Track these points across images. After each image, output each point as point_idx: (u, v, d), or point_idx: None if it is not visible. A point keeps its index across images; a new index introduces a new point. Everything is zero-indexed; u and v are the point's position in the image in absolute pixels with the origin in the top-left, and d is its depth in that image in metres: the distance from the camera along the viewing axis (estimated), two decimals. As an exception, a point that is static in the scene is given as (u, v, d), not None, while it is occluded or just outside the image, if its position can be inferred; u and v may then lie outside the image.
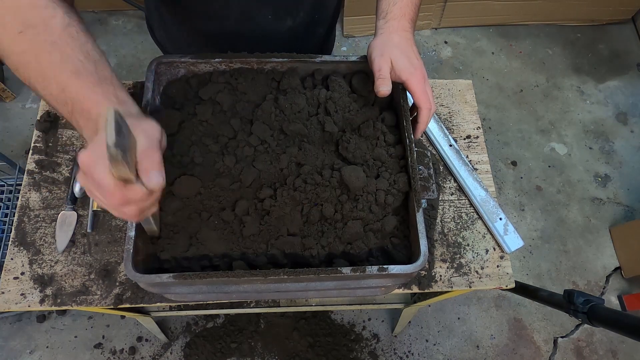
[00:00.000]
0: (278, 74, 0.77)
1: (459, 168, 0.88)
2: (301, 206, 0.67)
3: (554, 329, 1.74)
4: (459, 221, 0.87)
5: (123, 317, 1.65)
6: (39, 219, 0.81)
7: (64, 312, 1.64)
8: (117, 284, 0.78)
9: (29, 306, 0.75)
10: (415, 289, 0.81)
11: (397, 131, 0.75)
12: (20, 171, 1.53)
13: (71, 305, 0.76)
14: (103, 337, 1.62)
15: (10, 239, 0.80)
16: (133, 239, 0.60)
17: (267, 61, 0.75)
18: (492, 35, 2.36)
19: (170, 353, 1.62)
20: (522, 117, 2.15)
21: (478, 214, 0.87)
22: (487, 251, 0.85)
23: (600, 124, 2.15)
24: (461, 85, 1.00)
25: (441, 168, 0.91)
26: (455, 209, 0.88)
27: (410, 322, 1.70)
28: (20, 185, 1.27)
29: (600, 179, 2.02)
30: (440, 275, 0.82)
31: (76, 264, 0.78)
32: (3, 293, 0.76)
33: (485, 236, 0.86)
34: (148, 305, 0.79)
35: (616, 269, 1.85)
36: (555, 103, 2.19)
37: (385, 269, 0.60)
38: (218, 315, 1.67)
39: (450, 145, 0.90)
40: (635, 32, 2.40)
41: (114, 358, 1.60)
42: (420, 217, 0.64)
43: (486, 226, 0.86)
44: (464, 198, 0.89)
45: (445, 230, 0.86)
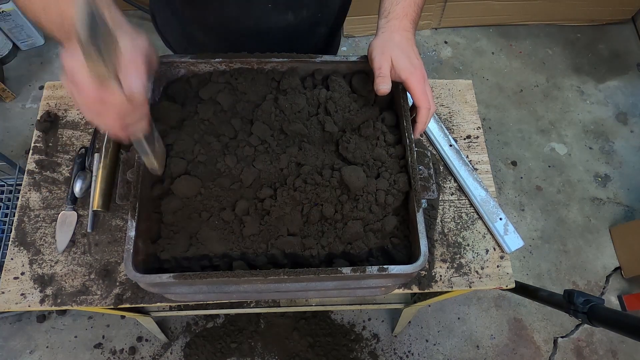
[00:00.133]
0: (278, 74, 0.77)
1: (459, 168, 0.88)
2: (301, 206, 0.67)
3: (554, 329, 1.74)
4: (459, 221, 0.87)
5: (123, 317, 1.65)
6: (39, 219, 0.81)
7: (64, 312, 1.64)
8: (117, 284, 0.78)
9: (29, 306, 0.75)
10: (415, 289, 0.81)
11: (397, 131, 0.75)
12: (20, 171, 1.53)
13: (71, 305, 0.76)
14: (103, 337, 1.62)
15: (10, 239, 0.80)
16: (133, 239, 0.60)
17: (267, 61, 0.75)
18: (492, 35, 2.36)
19: (170, 353, 1.62)
20: (522, 117, 2.15)
21: (478, 214, 0.87)
22: (487, 251, 0.85)
23: (600, 124, 2.15)
24: (461, 85, 1.00)
25: (441, 168, 0.91)
26: (455, 209, 0.88)
27: (410, 322, 1.70)
28: (20, 185, 1.27)
29: (600, 179, 2.02)
30: (440, 275, 0.82)
31: (76, 264, 0.78)
32: (3, 293, 0.76)
33: (485, 236, 0.86)
34: (148, 305, 0.79)
35: (616, 269, 1.85)
36: (555, 103, 2.19)
37: (385, 269, 0.60)
38: (218, 315, 1.67)
39: (450, 145, 0.90)
40: (635, 32, 2.40)
41: (114, 358, 1.60)
42: (420, 217, 0.64)
43: (486, 226, 0.86)
44: (464, 198, 0.89)
45: (445, 230, 0.86)
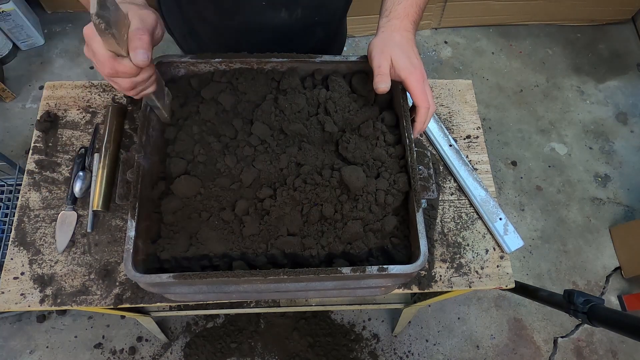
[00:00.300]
0: (278, 74, 0.77)
1: (459, 168, 0.88)
2: (301, 206, 0.67)
3: (554, 329, 1.74)
4: (459, 221, 0.87)
5: (123, 317, 1.65)
6: (39, 219, 0.81)
7: (64, 312, 1.64)
8: (117, 284, 0.78)
9: (29, 306, 0.75)
10: (415, 289, 0.81)
11: (397, 131, 0.75)
12: (20, 171, 1.53)
13: (71, 305, 0.76)
14: (103, 337, 1.62)
15: (10, 239, 0.80)
16: (133, 239, 0.60)
17: (267, 61, 0.75)
18: (492, 35, 2.36)
19: (170, 353, 1.62)
20: (522, 117, 2.15)
21: (478, 214, 0.87)
22: (487, 251, 0.85)
23: (600, 124, 2.15)
24: (461, 85, 1.00)
25: (441, 168, 0.91)
26: (455, 209, 0.88)
27: (410, 322, 1.70)
28: (20, 185, 1.27)
29: (600, 179, 2.02)
30: (440, 275, 0.82)
31: (76, 264, 0.78)
32: (3, 293, 0.76)
33: (485, 236, 0.86)
34: (148, 305, 0.79)
35: (616, 269, 1.85)
36: (555, 103, 2.19)
37: (385, 269, 0.60)
38: (218, 315, 1.67)
39: (450, 145, 0.90)
40: (635, 32, 2.40)
41: (114, 358, 1.60)
42: (420, 217, 0.64)
43: (486, 226, 0.86)
44: (464, 198, 0.89)
45: (445, 230, 0.86)
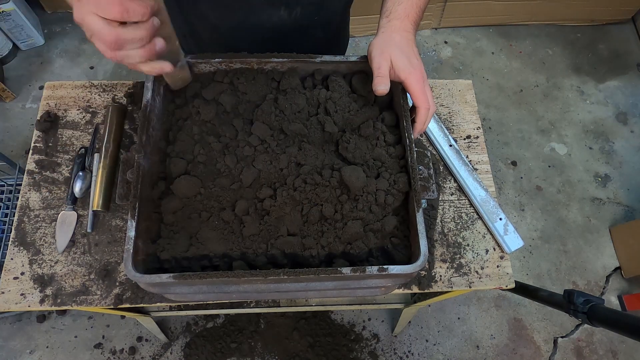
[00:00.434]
0: (278, 74, 0.77)
1: (459, 168, 0.88)
2: (301, 206, 0.67)
3: (554, 329, 1.74)
4: (459, 221, 0.87)
5: (123, 317, 1.65)
6: (39, 219, 0.81)
7: (64, 312, 1.64)
8: (117, 284, 0.78)
9: (29, 306, 0.75)
10: (415, 289, 0.81)
11: (397, 131, 0.75)
12: (20, 171, 1.54)
13: (71, 305, 0.76)
14: (103, 337, 1.62)
15: (10, 239, 0.80)
16: (133, 239, 0.60)
17: (267, 61, 0.75)
18: (492, 35, 2.36)
19: (170, 353, 1.62)
20: (522, 117, 2.15)
21: (478, 214, 0.87)
22: (487, 251, 0.85)
23: (600, 124, 2.15)
24: (461, 85, 1.00)
25: (441, 168, 0.91)
26: (455, 209, 0.88)
27: (410, 322, 1.70)
28: (20, 185, 1.27)
29: (600, 179, 2.02)
30: (440, 275, 0.82)
31: (76, 264, 0.78)
32: (3, 293, 0.76)
33: (485, 236, 0.86)
34: (148, 305, 0.79)
35: (616, 269, 1.85)
36: (555, 103, 2.19)
37: (385, 269, 0.60)
38: (218, 315, 1.67)
39: (450, 145, 0.90)
40: (635, 32, 2.40)
41: (114, 358, 1.60)
42: (420, 217, 0.64)
43: (486, 226, 0.86)
44: (464, 198, 0.89)
45: (445, 230, 0.86)
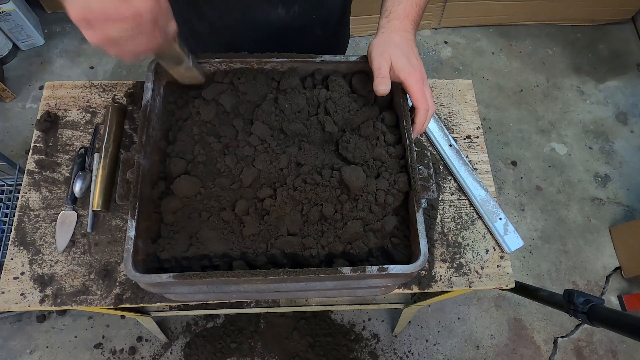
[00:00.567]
0: (278, 74, 0.77)
1: (459, 168, 0.88)
2: (301, 206, 0.67)
3: (554, 329, 1.74)
4: (459, 221, 0.87)
5: (123, 317, 1.65)
6: (39, 219, 0.81)
7: (64, 312, 1.64)
8: (117, 284, 0.78)
9: (29, 306, 0.75)
10: (415, 289, 0.81)
11: (397, 131, 0.75)
12: (20, 171, 1.53)
13: (71, 305, 0.76)
14: (103, 337, 1.62)
15: (10, 239, 0.80)
16: (133, 238, 0.60)
17: (267, 61, 0.75)
18: (492, 35, 2.36)
19: (170, 353, 1.62)
20: (522, 117, 2.15)
21: (478, 214, 0.87)
22: (487, 251, 0.85)
23: (600, 124, 2.15)
24: (461, 85, 1.00)
25: (441, 168, 0.91)
26: (455, 209, 0.88)
27: (410, 322, 1.70)
28: (20, 185, 1.27)
29: (600, 179, 2.02)
30: (440, 275, 0.82)
31: (76, 264, 0.78)
32: (3, 293, 0.76)
33: (485, 236, 0.86)
34: (148, 305, 0.79)
35: (616, 269, 1.85)
36: (555, 103, 2.19)
37: (385, 269, 0.60)
38: (218, 315, 1.67)
39: (450, 145, 0.90)
40: (635, 32, 2.39)
41: (114, 358, 1.60)
42: (420, 217, 0.64)
43: (486, 226, 0.86)
44: (464, 198, 0.89)
45: (445, 230, 0.86)
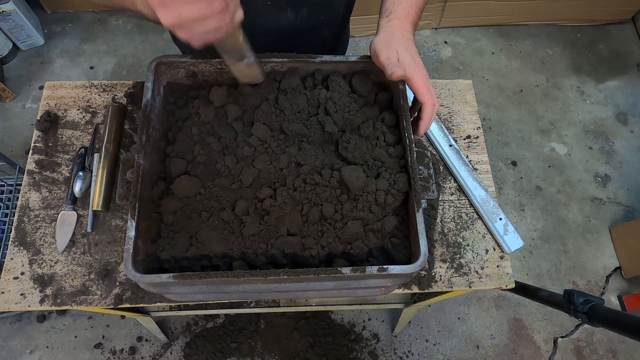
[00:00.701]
0: (278, 74, 0.77)
1: (459, 168, 0.88)
2: (301, 206, 0.67)
3: (554, 329, 1.74)
4: (459, 221, 0.87)
5: (123, 317, 1.65)
6: (39, 219, 0.81)
7: (64, 312, 1.64)
8: (117, 284, 0.78)
9: (29, 306, 0.75)
10: (415, 289, 0.81)
11: (397, 131, 0.75)
12: (20, 171, 1.53)
13: (71, 305, 0.76)
14: (103, 337, 1.62)
15: (10, 239, 0.80)
16: (133, 239, 0.60)
17: (267, 61, 0.75)
18: (492, 35, 2.36)
19: (170, 353, 1.62)
20: (522, 117, 2.15)
21: (478, 214, 0.87)
22: (487, 251, 0.85)
23: (600, 124, 2.15)
24: (461, 85, 1.00)
25: (441, 168, 0.91)
26: (455, 209, 0.88)
27: (410, 322, 1.70)
28: (20, 185, 1.27)
29: (600, 179, 2.02)
30: (440, 275, 0.82)
31: (76, 264, 0.78)
32: (3, 293, 0.76)
33: (485, 236, 0.86)
34: (148, 305, 0.79)
35: (616, 269, 1.85)
36: (555, 103, 2.19)
37: (385, 269, 0.60)
38: (218, 315, 1.67)
39: (450, 145, 0.90)
40: (635, 32, 2.39)
41: (114, 358, 1.60)
42: (420, 217, 0.64)
43: (486, 226, 0.86)
44: (464, 198, 0.89)
45: (445, 230, 0.86)
